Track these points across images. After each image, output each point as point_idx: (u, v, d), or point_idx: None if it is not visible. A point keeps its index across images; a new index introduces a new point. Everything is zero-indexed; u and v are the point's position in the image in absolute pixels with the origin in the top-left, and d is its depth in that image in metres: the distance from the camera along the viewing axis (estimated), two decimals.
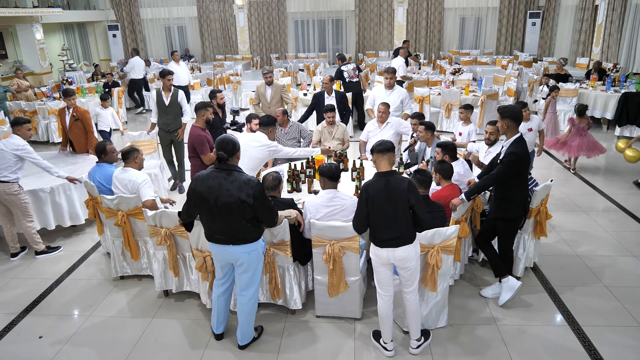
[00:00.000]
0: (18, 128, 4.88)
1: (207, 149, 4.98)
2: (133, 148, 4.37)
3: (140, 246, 4.43)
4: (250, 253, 3.27)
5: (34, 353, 3.61)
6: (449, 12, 16.71)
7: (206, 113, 5.17)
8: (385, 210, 3.13)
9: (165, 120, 6.30)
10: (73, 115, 6.20)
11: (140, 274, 4.53)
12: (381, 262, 3.25)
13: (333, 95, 7.10)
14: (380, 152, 3.20)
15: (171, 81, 6.37)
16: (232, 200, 3.09)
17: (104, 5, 17.82)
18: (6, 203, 4.80)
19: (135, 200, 4.17)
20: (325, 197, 3.73)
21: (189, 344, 3.63)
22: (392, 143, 3.30)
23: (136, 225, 4.32)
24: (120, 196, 4.18)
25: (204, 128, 5.16)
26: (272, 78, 6.97)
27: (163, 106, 6.29)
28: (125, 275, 4.54)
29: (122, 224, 4.23)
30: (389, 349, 3.41)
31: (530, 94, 10.86)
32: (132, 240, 4.32)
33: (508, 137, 3.78)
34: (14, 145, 4.72)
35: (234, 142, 3.20)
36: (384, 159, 3.20)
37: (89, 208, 4.75)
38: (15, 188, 4.75)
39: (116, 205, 4.22)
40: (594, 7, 13.14)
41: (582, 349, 3.45)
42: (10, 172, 4.70)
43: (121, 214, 4.21)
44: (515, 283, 3.91)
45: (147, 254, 4.44)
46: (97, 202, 4.54)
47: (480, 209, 4.25)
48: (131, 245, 4.33)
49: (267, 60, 17.83)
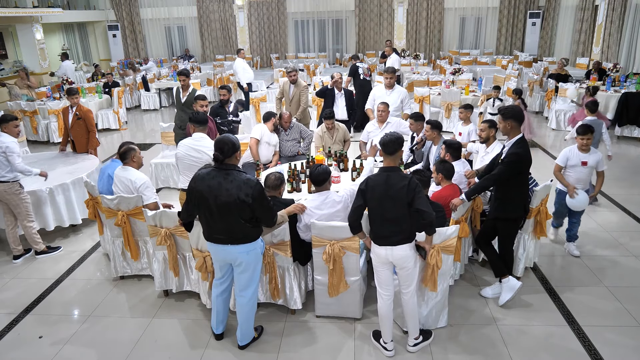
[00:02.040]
0: (5, 125, 4.83)
1: None
2: (130, 147, 4.29)
3: (141, 246, 4.42)
4: (249, 253, 3.27)
5: (34, 353, 3.61)
6: (449, 12, 16.71)
7: (196, 106, 5.77)
8: (384, 205, 3.12)
9: (181, 117, 6.42)
10: (76, 114, 6.21)
11: (141, 273, 4.52)
12: (380, 261, 3.25)
13: (342, 93, 7.14)
14: (388, 154, 3.22)
15: (185, 82, 6.54)
16: (231, 199, 3.09)
17: (104, 5, 17.82)
18: (8, 203, 4.79)
19: (135, 200, 4.15)
20: (318, 200, 3.75)
21: (189, 344, 3.63)
22: (401, 140, 3.26)
23: (136, 225, 4.31)
24: (120, 196, 4.16)
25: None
26: (296, 77, 7.06)
27: (180, 103, 6.54)
28: (126, 275, 4.54)
29: (122, 224, 4.22)
30: (389, 349, 3.41)
31: (530, 94, 10.87)
32: (132, 240, 4.31)
33: (510, 138, 3.77)
34: (4, 142, 4.63)
35: (232, 142, 3.18)
36: (390, 156, 3.22)
37: (89, 208, 4.74)
38: (16, 187, 4.74)
39: (116, 205, 4.20)
40: (594, 7, 13.15)
41: (582, 349, 3.45)
42: (7, 171, 4.66)
43: (121, 214, 4.19)
44: (516, 283, 3.90)
45: (147, 254, 4.44)
46: (97, 202, 4.53)
47: (480, 209, 4.25)
48: (131, 245, 4.32)
49: (267, 60, 17.84)
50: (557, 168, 4.66)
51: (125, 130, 10.67)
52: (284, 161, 5.76)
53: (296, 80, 7.04)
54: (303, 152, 6.08)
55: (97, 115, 10.31)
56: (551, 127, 9.48)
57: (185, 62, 16.09)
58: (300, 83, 7.06)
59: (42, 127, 9.60)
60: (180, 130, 6.42)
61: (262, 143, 5.69)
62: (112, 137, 10.08)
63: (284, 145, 5.98)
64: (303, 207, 3.69)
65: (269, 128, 5.73)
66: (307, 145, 6.15)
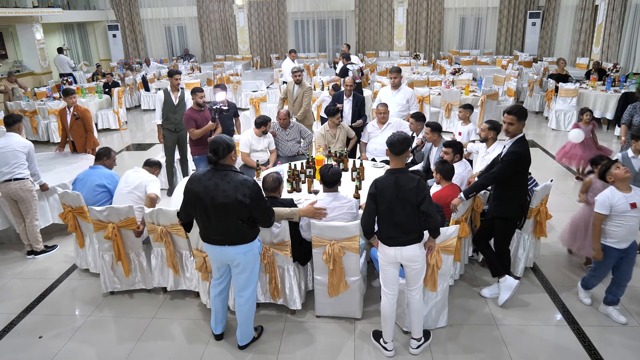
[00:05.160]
0: (17, 126, 4.92)
1: (191, 126, 5.76)
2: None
3: (132, 259, 4.19)
4: (246, 253, 3.27)
5: (34, 353, 3.61)
6: (449, 12, 16.71)
7: (195, 97, 5.85)
8: (394, 207, 3.11)
9: (173, 120, 6.29)
10: (74, 114, 6.21)
11: (132, 288, 4.28)
12: (388, 261, 3.24)
13: (351, 98, 6.79)
14: (395, 155, 3.19)
15: (178, 81, 6.37)
16: (229, 200, 3.08)
17: (104, 5, 17.82)
18: (19, 200, 4.79)
19: (126, 211, 3.94)
20: (325, 201, 3.72)
21: (189, 344, 3.63)
22: (408, 140, 3.24)
23: (128, 237, 4.09)
24: (110, 207, 3.95)
25: (195, 109, 5.85)
26: (301, 78, 6.99)
27: (172, 106, 6.29)
28: (116, 290, 4.29)
29: (113, 237, 3.97)
30: (389, 349, 3.41)
31: (530, 94, 10.87)
32: (123, 254, 4.07)
33: (511, 137, 3.75)
34: (22, 143, 4.76)
35: (226, 144, 3.14)
36: (398, 157, 3.20)
37: (69, 220, 4.38)
38: (30, 184, 4.79)
39: (106, 217, 3.96)
40: (594, 7, 13.15)
41: (582, 349, 3.45)
42: (23, 168, 4.74)
43: (112, 226, 3.96)
44: (513, 282, 3.90)
45: (140, 267, 4.22)
46: (81, 213, 4.27)
47: (480, 208, 4.25)
48: (123, 259, 4.07)
49: (267, 60, 17.84)
50: (600, 219, 3.56)
51: (125, 130, 10.67)
52: (284, 161, 5.75)
53: (301, 81, 7.00)
54: (303, 152, 6.07)
55: (97, 115, 10.32)
56: (551, 127, 9.48)
57: (185, 62, 16.09)
58: (305, 84, 7.01)
59: (42, 127, 9.61)
60: (170, 133, 6.30)
61: (252, 152, 5.71)
62: (112, 137, 10.08)
63: (284, 145, 5.97)
64: (323, 213, 3.63)
65: (257, 133, 5.69)
66: (307, 145, 6.15)
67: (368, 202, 3.18)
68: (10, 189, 4.71)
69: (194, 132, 5.76)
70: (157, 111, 6.39)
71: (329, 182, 3.71)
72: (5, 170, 4.68)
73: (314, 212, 3.61)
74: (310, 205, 3.64)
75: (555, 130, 9.38)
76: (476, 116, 8.90)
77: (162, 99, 6.28)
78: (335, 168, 3.74)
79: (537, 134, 9.19)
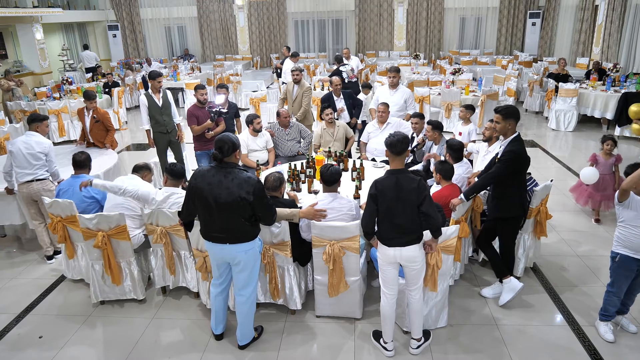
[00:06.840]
0: (37, 125, 4.92)
1: (192, 122, 5.88)
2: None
3: (123, 268, 4.07)
4: (247, 252, 3.27)
5: (34, 353, 3.61)
6: (449, 12, 16.70)
7: (197, 94, 5.97)
8: (394, 208, 3.11)
9: (162, 121, 6.14)
10: (93, 117, 6.23)
11: (124, 298, 4.14)
12: (388, 261, 3.24)
13: (341, 97, 6.92)
14: (395, 155, 3.18)
15: (161, 83, 6.19)
16: (233, 198, 3.09)
17: (104, 5, 17.81)
18: (40, 200, 4.72)
19: (117, 219, 3.84)
20: (325, 202, 3.72)
21: (189, 344, 3.63)
22: (407, 140, 3.22)
23: (119, 246, 3.96)
24: (100, 215, 3.84)
25: (198, 106, 5.97)
26: (300, 77, 6.95)
27: (157, 108, 6.11)
28: (107, 300, 4.18)
29: (102, 246, 3.85)
30: (389, 349, 3.41)
31: (530, 94, 10.87)
32: (114, 263, 3.95)
33: (506, 137, 3.77)
34: (42, 145, 4.78)
35: (231, 141, 3.16)
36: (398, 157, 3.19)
37: (58, 231, 4.19)
38: (50, 184, 4.81)
39: (95, 225, 3.83)
40: (594, 7, 13.14)
41: (582, 349, 3.45)
42: (45, 169, 4.78)
43: (101, 235, 3.83)
44: (517, 284, 3.90)
45: (131, 276, 4.09)
46: (71, 222, 4.10)
47: (480, 209, 4.25)
48: (113, 268, 3.95)
49: (267, 60, 17.84)
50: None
51: (126, 130, 10.67)
52: (284, 161, 5.75)
53: (300, 81, 6.98)
54: (303, 152, 6.07)
55: None
56: (551, 127, 9.48)
57: (185, 62, 16.09)
58: (304, 84, 6.99)
59: None
60: (161, 135, 6.19)
61: (250, 152, 5.72)
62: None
63: (284, 145, 5.97)
64: (323, 214, 3.62)
65: (251, 132, 5.71)
66: (307, 145, 6.14)
67: (368, 203, 3.18)
68: (32, 189, 4.71)
69: (194, 129, 5.89)
70: (142, 117, 6.17)
71: (329, 181, 3.71)
72: (27, 171, 4.69)
73: (313, 214, 3.60)
74: (311, 207, 3.64)
75: (555, 130, 9.37)
76: (476, 116, 8.90)
77: (145, 103, 6.09)
78: (335, 167, 3.74)
79: (537, 134, 9.18)
